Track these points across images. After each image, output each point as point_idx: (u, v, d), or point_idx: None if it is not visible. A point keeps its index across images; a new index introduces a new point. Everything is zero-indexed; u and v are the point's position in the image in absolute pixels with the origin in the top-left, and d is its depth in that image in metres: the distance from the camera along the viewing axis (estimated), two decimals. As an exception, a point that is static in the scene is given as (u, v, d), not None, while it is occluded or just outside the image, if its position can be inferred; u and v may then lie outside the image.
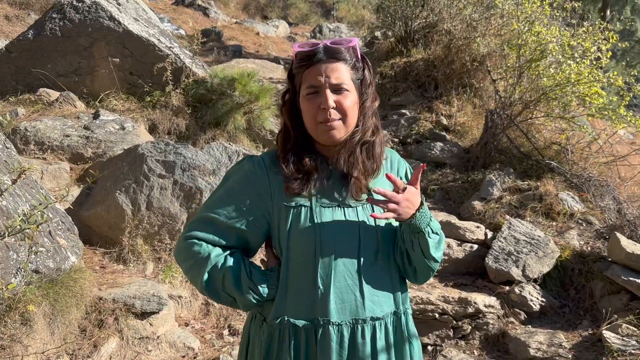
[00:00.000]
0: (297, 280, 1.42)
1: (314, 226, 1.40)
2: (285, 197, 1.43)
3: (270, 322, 1.43)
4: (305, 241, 1.40)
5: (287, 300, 1.43)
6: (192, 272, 1.46)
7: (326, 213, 1.42)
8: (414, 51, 8.01)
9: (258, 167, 1.47)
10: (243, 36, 15.05)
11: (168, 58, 5.41)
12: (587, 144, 6.14)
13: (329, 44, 1.40)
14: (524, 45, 5.86)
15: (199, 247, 1.44)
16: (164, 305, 3.45)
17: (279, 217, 1.44)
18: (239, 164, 1.54)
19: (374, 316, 1.43)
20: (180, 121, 5.36)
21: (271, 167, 1.47)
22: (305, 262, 1.41)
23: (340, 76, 1.39)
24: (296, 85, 1.45)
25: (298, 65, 1.42)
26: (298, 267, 1.42)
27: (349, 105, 1.40)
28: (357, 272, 1.42)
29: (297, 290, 1.42)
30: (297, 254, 1.42)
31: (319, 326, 1.40)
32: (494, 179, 5.54)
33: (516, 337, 3.92)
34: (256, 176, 1.46)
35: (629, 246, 4.11)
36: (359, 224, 1.43)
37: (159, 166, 4.16)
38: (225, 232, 1.45)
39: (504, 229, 4.64)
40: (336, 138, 1.41)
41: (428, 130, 6.90)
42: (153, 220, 4.12)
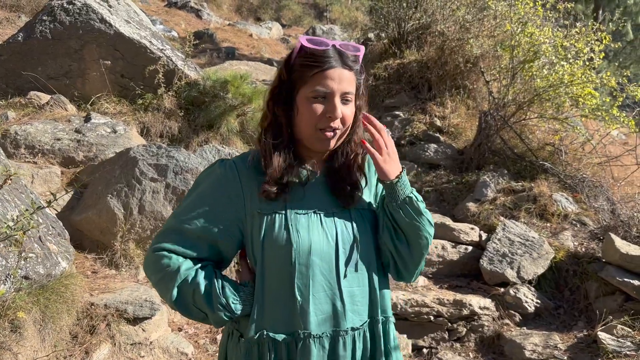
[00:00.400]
0: (274, 291, 1.35)
1: (289, 234, 1.33)
2: (258, 203, 1.36)
3: (249, 339, 1.35)
4: (280, 250, 1.33)
5: (264, 314, 1.35)
6: (161, 286, 1.38)
7: (302, 220, 1.35)
8: (407, 53, 8.00)
9: (230, 171, 1.39)
10: (236, 38, 15.02)
11: (160, 60, 5.36)
12: (580, 144, 6.15)
13: (338, 46, 1.33)
14: (517, 46, 5.86)
15: (168, 260, 1.35)
16: (156, 310, 3.41)
17: (252, 225, 1.37)
18: (210, 168, 1.45)
19: (354, 326, 1.38)
20: (173, 124, 5.32)
21: (243, 171, 1.38)
22: (282, 273, 1.34)
23: (349, 86, 1.33)
24: (295, 80, 1.34)
25: (305, 63, 1.32)
26: (274, 278, 1.35)
27: (350, 115, 1.36)
28: (336, 282, 1.36)
29: (274, 302, 1.35)
30: (273, 264, 1.34)
31: (299, 339, 1.34)
32: (487, 180, 5.53)
33: (511, 339, 3.91)
34: (227, 180, 1.38)
35: (623, 247, 4.11)
36: (337, 232, 1.38)
37: (151, 170, 4.12)
38: (196, 243, 1.37)
39: (499, 230, 4.64)
40: (331, 147, 1.36)
41: (422, 132, 6.89)
42: (145, 224, 4.07)
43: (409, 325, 4.08)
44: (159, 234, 1.41)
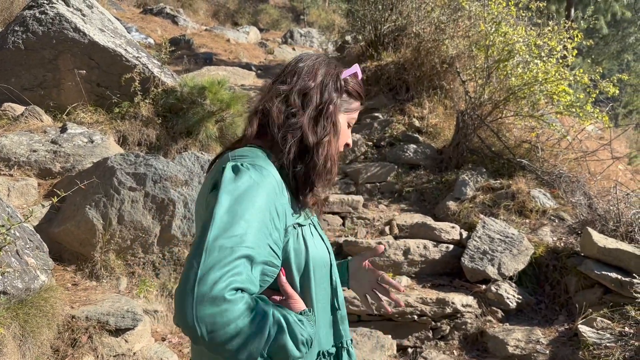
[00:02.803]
0: (322, 305, 1.27)
1: (324, 243, 1.30)
2: (291, 215, 1.20)
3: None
4: (322, 261, 1.26)
5: (319, 333, 1.24)
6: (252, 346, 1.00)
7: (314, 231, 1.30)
8: (384, 54, 8.05)
9: (277, 182, 1.17)
10: (213, 43, 14.96)
11: (136, 68, 5.33)
12: (556, 141, 6.25)
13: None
14: (492, 46, 5.94)
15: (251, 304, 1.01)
16: (138, 320, 3.38)
17: (290, 240, 1.20)
18: (260, 177, 1.13)
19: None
20: (151, 132, 5.29)
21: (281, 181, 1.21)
22: (325, 285, 1.27)
23: None
24: (338, 102, 1.31)
25: (357, 91, 1.36)
26: (321, 292, 1.26)
27: None
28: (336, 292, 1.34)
29: (322, 317, 1.26)
30: (320, 278, 1.25)
31: (343, 348, 1.32)
32: (467, 179, 5.59)
33: (494, 335, 3.95)
34: (277, 195, 1.15)
35: (600, 241, 4.19)
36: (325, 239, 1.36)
37: (129, 179, 4.09)
38: (258, 272, 1.07)
39: (479, 228, 4.69)
40: None
41: (401, 133, 6.94)
42: (125, 234, 4.04)
43: (393, 326, 4.10)
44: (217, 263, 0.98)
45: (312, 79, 1.28)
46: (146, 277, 4.05)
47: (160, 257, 4.13)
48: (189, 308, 0.96)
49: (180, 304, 0.97)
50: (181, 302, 0.97)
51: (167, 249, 4.13)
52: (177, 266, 4.12)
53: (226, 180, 1.08)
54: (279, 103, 1.25)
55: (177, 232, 4.10)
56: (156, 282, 4.05)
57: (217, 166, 1.20)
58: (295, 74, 1.29)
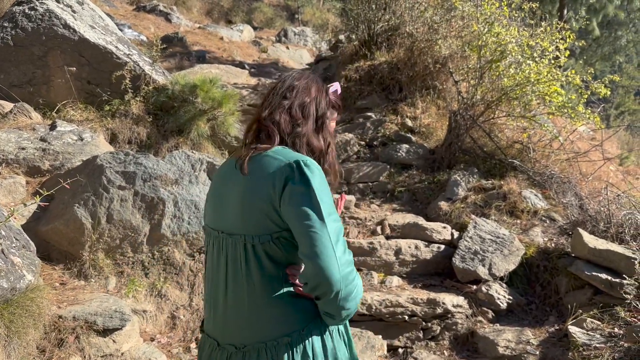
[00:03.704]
0: None
1: None
2: None
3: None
4: None
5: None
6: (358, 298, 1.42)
7: None
8: (377, 54, 8.04)
9: None
10: (207, 41, 14.89)
11: (127, 65, 5.28)
12: (548, 141, 6.26)
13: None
14: (484, 46, 5.94)
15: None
16: (126, 320, 3.35)
17: None
18: (318, 171, 1.43)
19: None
20: (141, 130, 5.24)
21: None
22: None
23: None
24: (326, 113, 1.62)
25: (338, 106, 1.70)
26: None
27: None
28: None
29: None
30: None
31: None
32: (458, 179, 5.59)
33: (485, 335, 3.95)
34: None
35: (591, 242, 4.19)
36: None
37: (118, 177, 4.05)
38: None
39: (470, 228, 4.68)
40: None
41: (394, 133, 6.92)
42: (114, 233, 4.00)
43: (384, 326, 4.09)
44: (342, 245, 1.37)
45: (307, 95, 1.56)
46: (135, 276, 4.02)
47: (150, 256, 4.09)
48: (335, 268, 1.30)
49: (327, 265, 1.29)
50: (328, 263, 1.29)
51: (157, 249, 4.09)
52: (167, 265, 4.09)
53: (307, 172, 1.37)
54: (285, 114, 1.52)
55: (167, 232, 4.07)
56: (145, 281, 4.02)
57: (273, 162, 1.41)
58: (294, 90, 1.55)
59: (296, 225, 1.34)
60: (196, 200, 4.18)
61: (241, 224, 1.42)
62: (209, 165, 4.36)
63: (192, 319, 3.95)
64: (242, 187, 1.43)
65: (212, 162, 4.38)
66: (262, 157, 1.44)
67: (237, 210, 1.43)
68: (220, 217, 1.50)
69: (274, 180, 1.37)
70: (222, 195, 1.52)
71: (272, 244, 1.40)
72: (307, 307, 1.44)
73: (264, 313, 1.42)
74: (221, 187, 1.54)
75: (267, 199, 1.38)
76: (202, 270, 4.13)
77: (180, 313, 3.95)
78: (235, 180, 1.47)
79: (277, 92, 1.56)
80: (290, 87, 1.56)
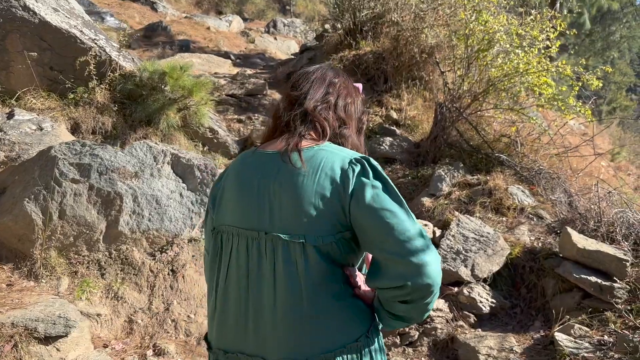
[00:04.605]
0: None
1: None
2: None
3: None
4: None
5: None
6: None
7: None
8: (363, 43, 7.74)
9: None
10: (193, 31, 14.52)
11: (91, 51, 4.95)
12: (537, 135, 6.00)
13: None
14: (472, 35, 5.65)
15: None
16: (72, 327, 3.05)
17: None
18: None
19: None
20: (107, 120, 4.93)
21: None
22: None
23: None
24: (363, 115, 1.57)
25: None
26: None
27: None
28: None
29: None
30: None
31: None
32: (443, 174, 5.31)
33: (465, 342, 3.68)
34: None
35: (580, 241, 3.93)
36: None
37: (72, 170, 3.74)
38: None
39: (453, 226, 4.41)
40: None
41: (378, 125, 6.64)
42: (67, 230, 3.70)
43: (358, 331, 3.81)
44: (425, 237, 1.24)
45: (348, 95, 1.50)
46: (90, 277, 3.72)
47: (107, 255, 3.80)
48: (436, 264, 1.21)
49: (429, 261, 1.19)
50: (430, 259, 1.20)
51: (114, 247, 3.80)
52: (125, 265, 3.79)
53: (379, 168, 1.31)
54: (331, 112, 1.44)
55: (125, 229, 3.77)
56: (101, 282, 3.72)
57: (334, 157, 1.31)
58: (335, 87, 1.47)
59: (378, 225, 1.22)
60: (158, 195, 3.88)
61: (298, 224, 1.27)
62: (173, 157, 4.06)
63: (151, 323, 3.66)
64: (296, 181, 1.29)
65: (177, 154, 4.08)
66: (318, 151, 1.33)
67: (291, 210, 1.28)
68: (260, 217, 1.31)
69: (343, 177, 1.27)
70: (260, 192, 1.33)
71: (334, 245, 1.28)
72: (363, 307, 1.36)
73: (330, 319, 1.28)
74: (254, 181, 1.35)
75: (336, 197, 1.26)
76: (168, 272, 3.85)
77: (138, 317, 3.66)
78: (281, 174, 1.31)
79: (314, 85, 1.45)
80: (331, 83, 1.47)
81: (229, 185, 1.41)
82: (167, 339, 3.60)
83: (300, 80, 1.47)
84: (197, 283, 3.86)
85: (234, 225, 1.35)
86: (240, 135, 6.44)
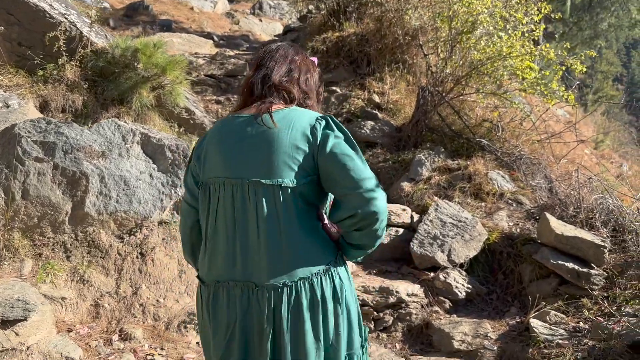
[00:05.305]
0: None
1: None
2: None
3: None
4: None
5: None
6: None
7: None
8: (346, 25, 7.58)
9: None
10: (175, 11, 14.22)
11: (61, 26, 4.76)
12: (520, 121, 5.93)
13: None
14: (455, 17, 5.53)
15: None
16: (31, 311, 2.93)
17: None
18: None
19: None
20: (77, 97, 4.76)
21: None
22: None
23: None
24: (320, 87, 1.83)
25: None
26: None
27: None
28: None
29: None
30: None
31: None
32: (423, 159, 5.23)
33: (440, 327, 3.62)
34: None
35: (558, 227, 3.88)
36: None
37: (35, 148, 3.59)
38: None
39: (431, 211, 4.34)
40: None
41: (359, 109, 6.53)
42: (31, 211, 3.56)
43: (332, 317, 3.73)
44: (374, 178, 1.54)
45: (307, 70, 1.74)
46: (55, 259, 3.59)
47: (73, 237, 3.66)
48: (381, 197, 1.50)
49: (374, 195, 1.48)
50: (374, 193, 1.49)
51: (81, 229, 3.67)
52: (92, 248, 3.66)
53: (340, 124, 1.59)
54: (295, 84, 1.67)
55: (92, 210, 3.64)
56: (66, 265, 3.59)
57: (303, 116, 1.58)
58: (296, 63, 1.71)
59: (339, 167, 1.50)
60: (126, 176, 3.75)
61: (275, 170, 1.52)
62: (143, 137, 3.92)
63: (118, 307, 3.54)
64: (272, 137, 1.53)
65: (148, 133, 3.94)
66: (290, 112, 1.59)
67: (269, 159, 1.52)
68: (243, 167, 1.56)
69: (312, 131, 1.54)
70: (241, 147, 1.58)
71: (306, 187, 1.54)
72: (330, 241, 1.63)
73: (305, 249, 1.54)
74: (236, 140, 1.60)
75: (306, 146, 1.52)
76: (136, 255, 3.72)
77: (104, 301, 3.54)
78: (257, 132, 1.56)
79: (278, 62, 1.68)
80: (293, 60, 1.70)
81: (211, 145, 1.64)
82: (134, 323, 3.49)
83: (265, 58, 1.69)
84: (166, 267, 3.75)
85: (219, 176, 1.59)
86: (219, 116, 6.29)
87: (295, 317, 1.52)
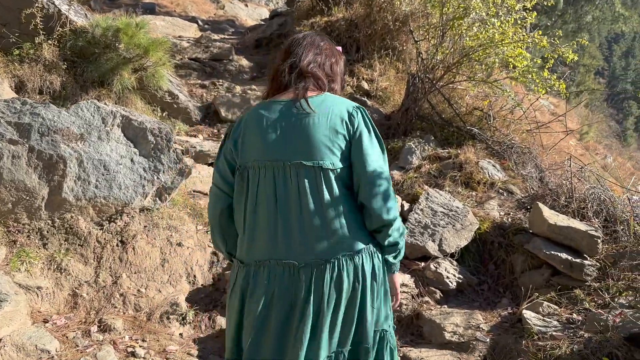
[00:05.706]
0: None
1: None
2: None
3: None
4: None
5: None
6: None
7: None
8: (335, 9, 7.43)
9: None
10: (159, -6, 13.88)
11: (38, 2, 4.54)
12: (510, 110, 5.86)
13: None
14: (448, 2, 5.42)
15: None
16: (3, 301, 2.78)
17: None
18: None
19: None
20: (55, 78, 4.55)
21: None
22: None
23: None
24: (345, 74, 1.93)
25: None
26: None
27: None
28: None
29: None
30: None
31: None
32: (413, 147, 5.13)
33: (431, 318, 3.53)
34: None
35: (551, 217, 3.81)
36: None
37: (9, 129, 3.41)
38: None
39: (421, 200, 4.24)
40: None
41: (348, 95, 6.39)
42: (5, 196, 3.38)
43: (320, 307, 3.63)
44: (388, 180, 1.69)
45: (333, 56, 1.83)
46: (31, 246, 3.42)
47: (49, 224, 3.50)
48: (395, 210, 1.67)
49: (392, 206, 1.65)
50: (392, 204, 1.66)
51: (58, 215, 3.50)
52: (69, 235, 3.50)
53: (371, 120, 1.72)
54: (321, 70, 1.77)
55: (70, 196, 3.47)
56: (43, 253, 3.43)
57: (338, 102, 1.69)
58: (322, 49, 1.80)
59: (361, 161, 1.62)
60: (106, 160, 3.58)
61: (316, 153, 1.60)
62: (124, 119, 3.75)
63: (97, 297, 3.39)
64: (312, 121, 1.62)
65: (129, 116, 3.76)
66: (325, 98, 1.69)
67: (310, 142, 1.61)
68: (284, 150, 1.63)
69: (351, 118, 1.65)
70: (281, 131, 1.64)
71: (345, 171, 1.63)
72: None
73: (347, 227, 1.61)
74: (275, 124, 1.66)
75: (345, 132, 1.63)
76: (117, 243, 3.56)
77: (83, 290, 3.39)
78: (296, 116, 1.64)
79: (305, 49, 1.77)
80: (319, 47, 1.80)
81: (250, 129, 1.69)
82: (114, 314, 3.34)
83: (293, 46, 1.79)
84: (148, 255, 3.60)
85: (260, 159, 1.65)
86: (203, 101, 6.11)
87: (337, 292, 1.58)
